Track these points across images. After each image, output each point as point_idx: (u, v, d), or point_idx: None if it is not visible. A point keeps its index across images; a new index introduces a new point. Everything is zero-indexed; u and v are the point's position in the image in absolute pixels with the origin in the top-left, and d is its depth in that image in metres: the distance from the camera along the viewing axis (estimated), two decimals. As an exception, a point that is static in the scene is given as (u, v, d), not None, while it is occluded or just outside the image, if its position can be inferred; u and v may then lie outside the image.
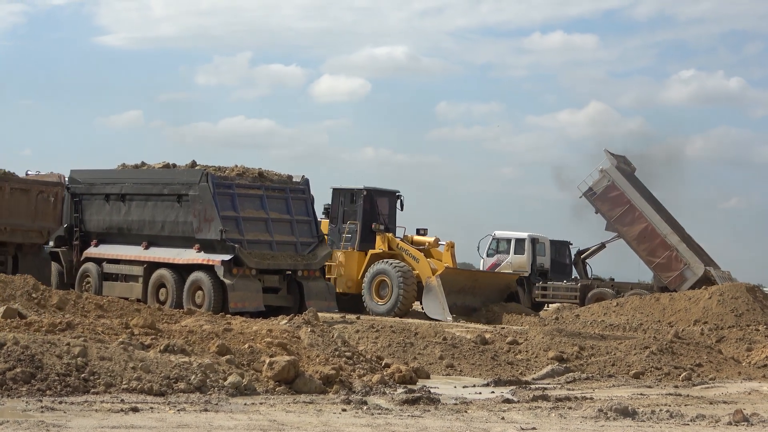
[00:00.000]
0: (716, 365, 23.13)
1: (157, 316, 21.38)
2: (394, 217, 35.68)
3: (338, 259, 34.50)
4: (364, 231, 34.72)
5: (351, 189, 35.34)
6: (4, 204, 28.34)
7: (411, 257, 33.78)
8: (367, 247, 34.73)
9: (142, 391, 14.43)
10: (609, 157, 42.83)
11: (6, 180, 28.56)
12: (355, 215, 34.95)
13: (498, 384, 19.25)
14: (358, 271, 34.46)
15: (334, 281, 33.96)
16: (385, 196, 35.74)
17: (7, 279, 22.37)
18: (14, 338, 14.77)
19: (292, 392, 15.71)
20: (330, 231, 34.87)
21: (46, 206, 29.11)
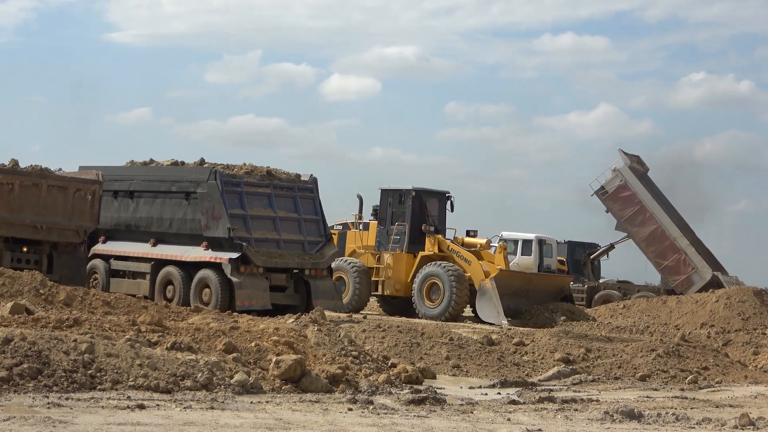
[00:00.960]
0: (723, 369, 23.11)
1: (164, 313, 21.38)
2: (443, 219, 34.80)
3: (386, 261, 33.73)
4: (413, 232, 33.79)
5: (400, 190, 34.38)
6: (41, 201, 27.65)
7: (462, 259, 32.94)
8: (416, 249, 33.82)
9: (149, 388, 14.44)
10: (622, 156, 42.62)
11: (43, 177, 27.97)
12: (404, 216, 34.00)
13: (504, 385, 19.25)
14: (407, 274, 33.54)
15: (381, 284, 33.50)
16: (434, 197, 34.88)
17: (15, 275, 22.39)
18: (21, 334, 14.79)
19: (298, 391, 15.72)
20: (378, 233, 34.21)
21: (83, 204, 28.37)
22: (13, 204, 27.17)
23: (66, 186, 28.08)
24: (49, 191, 27.75)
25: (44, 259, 28.05)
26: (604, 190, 42.00)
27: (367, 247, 34.19)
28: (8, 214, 27.10)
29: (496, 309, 31.23)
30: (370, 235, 34.41)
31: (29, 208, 27.44)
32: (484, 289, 31.82)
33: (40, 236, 27.82)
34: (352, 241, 34.78)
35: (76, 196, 28.13)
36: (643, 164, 43.97)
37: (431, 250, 33.30)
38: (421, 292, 32.52)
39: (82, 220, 28.26)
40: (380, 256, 33.75)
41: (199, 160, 30.11)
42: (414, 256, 33.54)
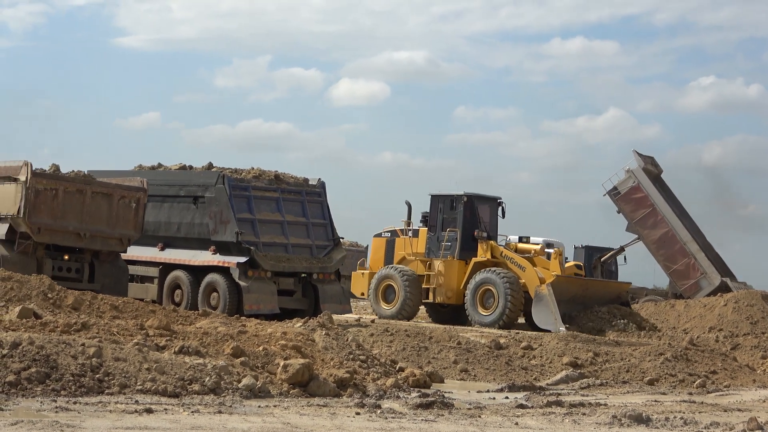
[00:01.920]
0: (731, 373, 23.08)
1: (172, 317, 21.38)
2: (495, 225, 33.63)
3: (437, 268, 32.71)
4: (465, 239, 32.58)
5: (451, 195, 33.29)
6: (85, 209, 26.99)
7: (516, 265, 31.92)
8: (468, 255, 32.66)
9: (157, 393, 14.45)
10: (637, 157, 42.44)
11: (88, 183, 27.34)
12: (455, 223, 32.78)
13: (512, 389, 19.24)
14: (459, 281, 32.45)
15: (432, 292, 32.60)
16: (486, 203, 33.77)
17: (23, 279, 22.40)
18: (29, 338, 14.81)
19: (306, 395, 15.72)
20: (428, 239, 33.11)
21: (127, 212, 27.75)
22: (57, 210, 26.61)
23: (110, 193, 27.52)
24: (93, 198, 27.21)
25: (86, 268, 27.57)
26: (617, 191, 41.85)
27: (417, 254, 33.28)
28: (51, 220, 26.56)
29: (553, 316, 30.17)
30: (419, 242, 33.49)
31: (73, 215, 26.88)
32: (540, 296, 30.82)
33: (83, 244, 27.32)
34: (401, 248, 33.87)
35: (120, 204, 27.61)
36: (657, 166, 43.76)
37: (484, 256, 32.37)
38: (475, 299, 31.45)
39: (125, 229, 27.70)
40: (431, 263, 32.79)
41: (207, 165, 30.16)
42: (466, 263, 32.58)
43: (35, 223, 26.23)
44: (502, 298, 30.77)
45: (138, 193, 27.83)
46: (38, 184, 26.24)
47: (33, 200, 26.13)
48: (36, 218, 26.25)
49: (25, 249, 26.46)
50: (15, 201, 26.15)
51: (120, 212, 27.53)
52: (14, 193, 26.23)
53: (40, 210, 26.31)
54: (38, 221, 26.29)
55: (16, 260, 26.17)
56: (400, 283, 32.57)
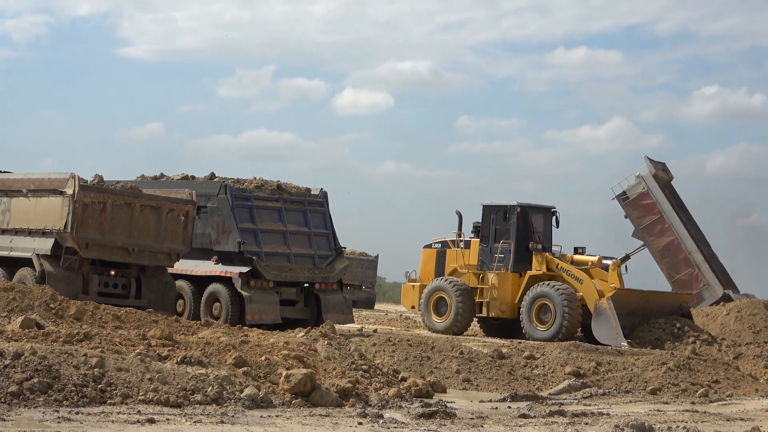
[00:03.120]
0: (733, 382, 23.07)
1: (174, 327, 21.39)
2: (549, 235, 32.84)
3: (490, 281, 31.97)
4: (519, 251, 31.94)
5: (503, 206, 32.54)
6: (134, 223, 26.22)
7: (573, 278, 31.17)
8: (522, 268, 31.98)
9: (159, 403, 14.45)
10: (648, 163, 42.28)
11: (136, 196, 26.56)
12: (509, 234, 32.12)
13: (514, 399, 19.23)
14: (513, 294, 31.79)
15: (486, 305, 31.90)
16: (539, 213, 32.93)
17: (25, 289, 22.43)
18: (32, 348, 14.81)
19: (308, 405, 15.71)
20: (480, 251, 32.45)
21: (176, 226, 26.91)
22: (105, 225, 25.80)
23: (159, 206, 26.73)
24: (142, 211, 26.44)
25: (132, 284, 26.92)
26: (626, 196, 41.72)
27: (469, 266, 32.57)
28: (99, 235, 25.77)
29: (614, 330, 29.49)
30: (471, 254, 32.76)
31: (121, 230, 26.09)
32: (600, 310, 30.01)
33: (131, 259, 26.56)
34: (453, 259, 33.12)
35: (169, 217, 26.84)
36: (668, 172, 43.58)
37: (539, 269, 31.64)
38: (531, 313, 30.77)
39: (174, 243, 26.98)
40: (483, 276, 32.13)
41: (209, 175, 30.19)
42: (520, 275, 31.92)
43: (83, 238, 25.45)
44: (559, 313, 30.12)
45: (187, 206, 27.14)
46: (86, 197, 25.44)
47: (81, 214, 25.33)
48: (84, 233, 25.45)
49: (71, 265, 25.81)
50: (61, 215, 25.40)
51: (168, 226, 26.82)
52: (60, 207, 25.49)
53: (87, 225, 25.51)
54: (86, 236, 25.50)
55: (61, 276, 25.62)
56: (452, 296, 31.91)
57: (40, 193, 26.14)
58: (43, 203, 26.03)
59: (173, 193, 27.81)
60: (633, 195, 41.65)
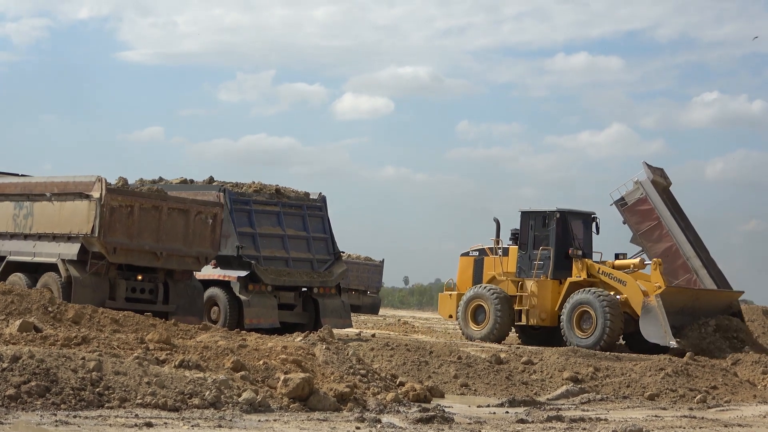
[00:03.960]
0: (731, 388, 23.06)
1: (172, 331, 21.38)
2: (589, 241, 32.69)
3: (530, 288, 31.63)
4: (558, 257, 31.69)
5: (542, 212, 32.28)
6: (161, 226, 25.69)
7: (616, 281, 30.82)
8: (562, 275, 31.68)
9: (157, 406, 14.45)
10: (646, 169, 42.26)
11: (164, 199, 26.02)
12: (548, 240, 31.84)
13: (512, 404, 19.22)
14: (553, 302, 31.48)
15: (525, 313, 31.61)
16: (579, 218, 32.79)
17: (23, 293, 22.39)
18: (30, 352, 14.81)
19: (306, 409, 15.71)
20: (519, 258, 32.22)
21: (204, 229, 26.39)
22: (133, 229, 25.32)
23: (187, 209, 26.22)
24: (170, 215, 25.91)
25: (160, 289, 26.44)
26: (624, 201, 41.65)
27: (508, 273, 32.33)
28: (127, 240, 25.29)
29: (662, 328, 29.08)
30: (509, 261, 32.51)
31: (149, 234, 25.60)
32: (649, 307, 29.70)
33: (159, 264, 26.09)
34: (491, 267, 32.85)
35: (197, 220, 26.35)
36: (667, 178, 43.56)
37: (579, 275, 31.31)
38: (571, 321, 30.43)
39: (202, 247, 26.49)
40: (522, 284, 31.85)
41: (208, 179, 30.22)
42: (560, 282, 31.63)
43: (110, 243, 24.99)
44: (601, 320, 29.73)
45: (215, 209, 26.74)
46: (113, 200, 24.94)
47: (108, 218, 24.84)
48: (111, 237, 24.99)
49: (98, 270, 25.35)
50: (88, 219, 24.95)
51: (197, 229, 26.33)
52: (87, 211, 25.03)
53: (115, 229, 25.01)
54: (113, 240, 25.04)
55: (88, 282, 25.22)
56: (490, 304, 31.66)
57: (65, 197, 25.69)
58: (68, 207, 25.57)
59: (200, 196, 27.48)
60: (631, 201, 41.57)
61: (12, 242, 27.03)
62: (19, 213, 26.79)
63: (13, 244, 27.00)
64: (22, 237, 26.76)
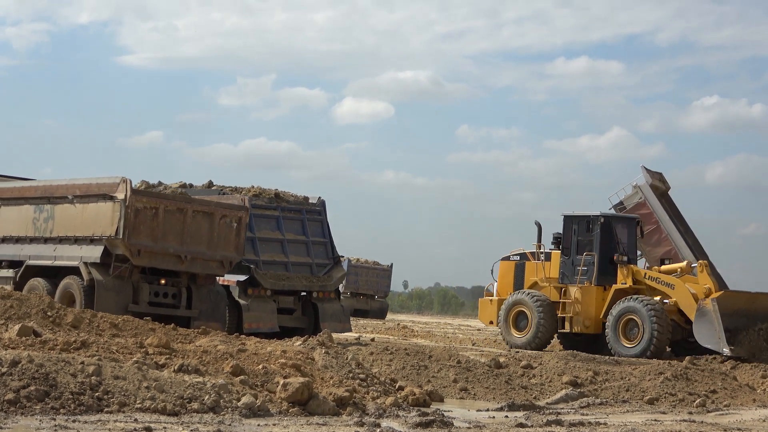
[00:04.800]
0: (731, 392, 23.05)
1: (171, 335, 21.38)
2: (634, 246, 32.10)
3: (573, 295, 30.87)
4: (602, 263, 30.90)
5: (586, 216, 31.50)
6: (186, 229, 25.30)
7: (664, 285, 30.07)
8: (606, 281, 30.93)
9: (156, 411, 14.44)
10: (644, 173, 42.24)
11: (188, 202, 25.73)
12: (591, 245, 31.04)
13: (512, 408, 19.20)
14: (597, 309, 30.67)
15: (569, 321, 30.89)
16: (623, 223, 32.25)
17: (22, 297, 22.39)
18: (29, 356, 14.80)
19: (305, 414, 15.70)
20: (562, 264, 31.48)
21: (228, 232, 26.05)
22: (157, 231, 24.94)
23: (212, 212, 25.88)
24: (194, 217, 25.53)
25: (183, 293, 26.11)
26: (623, 206, 41.64)
27: (550, 279, 31.60)
28: (152, 242, 24.92)
29: (717, 333, 28.17)
30: (552, 266, 31.79)
31: (173, 236, 25.22)
32: (704, 311, 28.76)
33: (183, 267, 25.68)
34: (533, 273, 32.08)
35: (222, 223, 25.99)
36: (665, 182, 43.56)
37: (625, 282, 30.54)
38: (617, 330, 29.66)
39: (226, 251, 26.18)
40: (566, 290, 31.10)
41: (207, 183, 30.21)
42: (604, 288, 30.90)
43: (135, 245, 24.62)
44: (648, 329, 29.02)
45: (240, 212, 26.43)
46: (138, 202, 24.57)
47: (132, 220, 24.46)
48: (135, 239, 24.61)
49: (121, 273, 25.02)
50: (112, 221, 24.62)
51: (221, 232, 25.98)
52: (111, 213, 24.69)
53: (139, 231, 24.65)
54: (138, 243, 24.67)
55: (111, 285, 24.90)
56: (533, 309, 30.99)
57: (88, 199, 25.34)
58: (91, 209, 25.23)
59: (224, 199, 27.23)
60: (630, 205, 41.56)
61: (31, 246, 26.79)
62: (39, 216, 26.52)
63: (32, 248, 26.75)
64: (42, 241, 26.51)
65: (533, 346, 30.42)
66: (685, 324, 30.05)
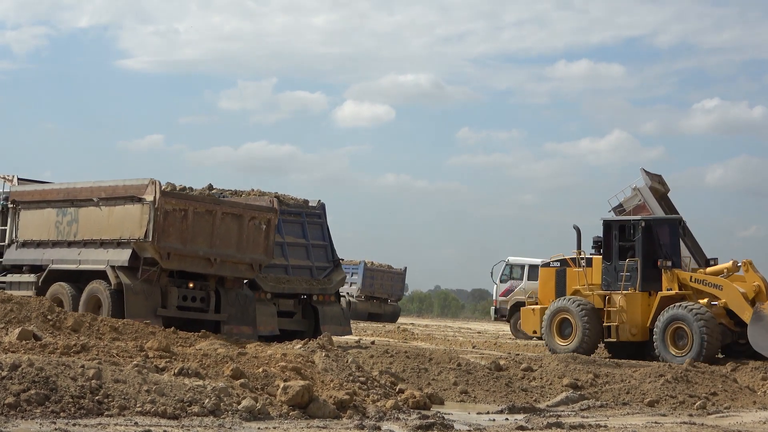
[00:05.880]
0: (731, 394, 23.04)
1: (171, 339, 21.37)
2: (677, 248, 31.11)
3: (618, 303, 30.05)
4: (646, 268, 30.14)
5: (627, 221, 31.24)
6: (215, 231, 24.87)
7: (712, 286, 29.33)
8: (651, 286, 30.20)
9: (156, 414, 14.43)
10: (644, 175, 42.22)
11: (218, 203, 25.38)
12: (633, 251, 30.40)
13: (512, 411, 19.21)
14: (643, 316, 29.93)
15: (615, 329, 30.09)
16: (665, 225, 31.42)
17: (22, 301, 22.39)
18: (29, 360, 14.80)
19: (305, 417, 15.69)
20: (604, 270, 30.80)
21: (258, 235, 25.61)
22: (186, 234, 24.49)
23: (241, 214, 25.45)
24: (223, 219, 25.10)
25: (211, 297, 25.70)
26: (622, 208, 41.57)
27: (593, 285, 30.95)
28: (181, 245, 24.50)
29: None
30: (594, 272, 31.19)
31: (203, 239, 24.79)
32: (761, 315, 28.17)
33: (212, 270, 25.26)
34: (574, 280, 31.42)
35: (251, 225, 25.57)
36: (665, 184, 43.51)
37: (670, 287, 29.85)
38: (665, 338, 28.97)
39: (255, 253, 25.77)
40: (610, 297, 30.39)
41: (206, 186, 30.18)
42: (649, 294, 30.20)
43: (164, 248, 24.21)
44: (697, 337, 28.36)
45: (269, 214, 26.03)
46: (167, 204, 24.14)
47: (162, 222, 24.03)
48: (165, 242, 24.19)
49: (149, 277, 24.63)
50: (141, 223, 24.19)
51: (250, 235, 25.56)
52: (140, 215, 24.28)
53: (169, 233, 24.22)
54: (167, 245, 24.25)
55: (139, 289, 24.52)
56: (577, 317, 30.35)
57: (114, 201, 24.94)
58: (118, 212, 24.82)
59: (253, 200, 26.94)
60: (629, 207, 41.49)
61: (54, 250, 26.44)
62: (63, 219, 26.15)
63: (55, 252, 26.41)
64: (66, 244, 26.17)
65: (578, 353, 28.85)
66: (734, 327, 29.39)
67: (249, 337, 25.24)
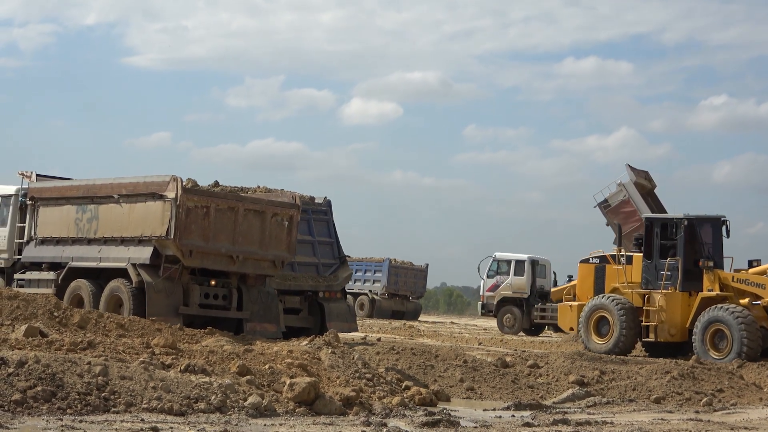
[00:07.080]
0: (737, 391, 23.03)
1: (178, 335, 21.37)
2: (720, 247, 30.42)
3: (658, 302, 29.70)
4: (687, 268, 29.77)
5: (668, 218, 30.67)
6: (237, 228, 24.60)
7: (755, 286, 28.84)
8: (692, 286, 29.78)
9: (162, 411, 14.45)
10: (629, 171, 42.23)
11: (240, 200, 25.04)
12: (675, 250, 29.99)
13: (518, 407, 19.20)
14: (683, 317, 29.52)
15: (654, 329, 29.77)
16: (708, 224, 30.57)
17: (29, 297, 22.39)
18: (35, 357, 14.82)
19: (312, 414, 15.70)
20: (644, 268, 30.41)
21: (280, 231, 25.35)
22: (209, 231, 24.24)
23: (263, 210, 25.16)
24: (246, 216, 24.82)
25: (234, 294, 25.42)
26: (607, 203, 41.53)
27: (632, 284, 30.62)
28: (203, 242, 24.26)
29: None
30: (634, 270, 30.80)
31: (225, 236, 24.52)
32: None
33: (234, 267, 24.99)
34: (614, 277, 31.04)
35: (273, 222, 25.29)
36: (651, 180, 43.52)
37: (711, 288, 29.34)
38: (704, 340, 28.65)
39: (278, 250, 25.52)
40: (649, 296, 30.02)
41: (213, 183, 30.15)
42: (689, 294, 29.78)
43: (186, 245, 23.96)
44: (737, 340, 28.11)
45: (291, 210, 25.76)
46: (189, 201, 23.87)
47: (184, 219, 23.75)
48: (187, 239, 23.95)
49: (171, 274, 24.33)
50: (162, 221, 23.96)
51: (273, 231, 25.30)
52: (161, 212, 24.03)
53: (191, 230, 23.95)
54: (189, 243, 24.01)
55: (161, 287, 24.26)
56: (615, 315, 30.06)
57: (135, 198, 24.73)
58: (139, 209, 24.62)
59: (275, 196, 26.75)
60: (614, 202, 41.45)
61: (74, 248, 26.29)
62: (82, 217, 25.97)
63: (75, 249, 26.25)
64: (86, 242, 26.01)
65: (616, 352, 29.33)
66: None
67: (273, 335, 25.09)
